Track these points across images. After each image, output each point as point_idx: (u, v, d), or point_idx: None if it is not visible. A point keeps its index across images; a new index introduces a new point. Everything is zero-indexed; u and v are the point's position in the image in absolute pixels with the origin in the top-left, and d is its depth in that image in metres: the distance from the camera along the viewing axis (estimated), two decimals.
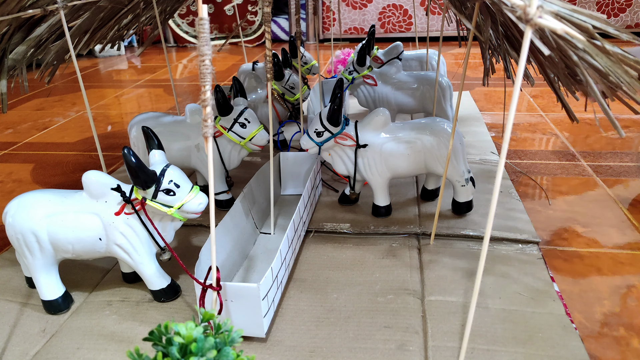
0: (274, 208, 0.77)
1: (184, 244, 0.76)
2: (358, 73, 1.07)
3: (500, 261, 0.67)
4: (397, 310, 0.59)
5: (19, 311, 0.62)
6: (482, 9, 0.52)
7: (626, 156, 1.02)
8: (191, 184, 0.58)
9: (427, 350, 0.53)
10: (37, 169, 1.08)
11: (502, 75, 0.94)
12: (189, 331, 0.36)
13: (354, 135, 0.74)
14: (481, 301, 0.60)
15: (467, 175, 0.75)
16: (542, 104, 1.39)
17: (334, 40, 2.39)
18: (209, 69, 0.39)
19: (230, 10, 2.49)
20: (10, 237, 0.58)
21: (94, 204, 0.57)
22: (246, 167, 0.98)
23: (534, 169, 0.98)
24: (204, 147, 0.74)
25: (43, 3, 0.66)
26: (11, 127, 1.37)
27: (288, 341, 0.55)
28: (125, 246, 0.58)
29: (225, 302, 0.53)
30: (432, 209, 0.82)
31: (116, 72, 2.07)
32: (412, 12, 2.35)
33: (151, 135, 0.60)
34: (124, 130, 1.31)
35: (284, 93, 1.03)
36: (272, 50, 0.64)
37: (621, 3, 2.21)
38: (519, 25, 0.40)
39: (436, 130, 0.74)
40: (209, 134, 0.41)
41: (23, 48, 0.74)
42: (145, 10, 1.01)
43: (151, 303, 0.62)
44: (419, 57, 1.28)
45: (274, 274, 0.56)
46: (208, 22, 0.38)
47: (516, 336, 0.54)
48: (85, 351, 0.55)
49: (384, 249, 0.72)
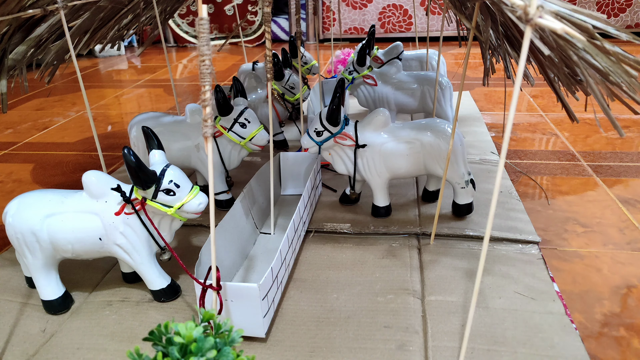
0: (274, 208, 0.77)
1: (184, 244, 0.76)
2: (358, 73, 1.07)
3: (500, 261, 0.67)
4: (397, 310, 0.59)
5: (19, 311, 0.62)
6: (482, 9, 0.52)
7: (626, 156, 1.02)
8: (191, 184, 0.58)
9: (427, 350, 0.53)
10: (37, 169, 1.08)
11: (502, 75, 0.94)
12: (189, 331, 0.36)
13: (353, 135, 0.74)
14: (481, 301, 0.60)
15: (467, 177, 0.75)
16: (542, 104, 1.39)
17: (334, 40, 2.39)
18: (209, 69, 0.39)
19: (230, 10, 2.49)
20: (10, 237, 0.58)
21: (94, 204, 0.57)
22: (246, 167, 0.98)
23: (534, 169, 0.98)
24: (204, 147, 0.74)
25: (43, 3, 0.66)
26: (11, 127, 1.37)
27: (288, 341, 0.55)
28: (125, 246, 0.58)
29: (225, 302, 0.53)
30: (432, 210, 0.82)
31: (116, 72, 2.07)
32: (412, 12, 2.35)
33: (151, 135, 0.60)
34: (124, 130, 1.31)
35: (284, 93, 1.03)
36: (272, 50, 0.64)
37: (621, 3, 2.21)
38: (519, 25, 0.40)
39: (436, 131, 0.73)
40: (209, 134, 0.41)
41: (23, 48, 0.74)
42: (145, 10, 1.01)
43: (151, 303, 0.62)
44: (419, 57, 1.28)
45: (274, 274, 0.56)
46: (208, 22, 0.38)
47: (516, 336, 0.54)
48: (85, 351, 0.55)
49: (384, 249, 0.72)
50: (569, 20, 0.35)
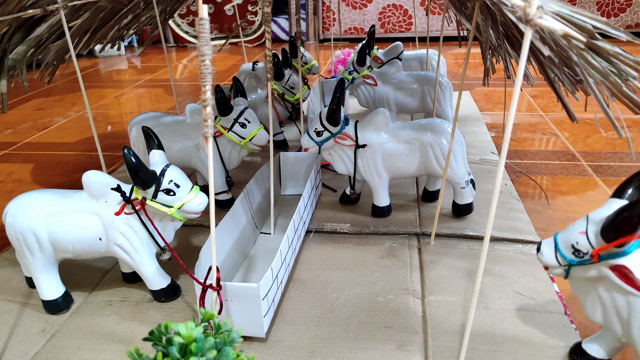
0: (274, 208, 0.77)
1: (184, 244, 0.76)
2: (358, 73, 1.07)
3: (500, 261, 0.67)
4: (397, 310, 0.59)
5: (19, 311, 0.62)
6: (482, 9, 0.52)
7: (626, 156, 1.02)
8: (191, 184, 0.58)
9: (427, 350, 0.53)
10: (37, 169, 1.08)
11: (502, 75, 0.94)
12: (189, 331, 0.36)
13: (353, 135, 0.74)
14: (481, 301, 0.60)
15: (467, 177, 0.75)
16: (542, 104, 1.39)
17: (334, 40, 2.39)
18: (209, 69, 0.39)
19: (230, 10, 2.49)
20: (10, 237, 0.58)
21: (94, 204, 0.57)
22: (246, 167, 0.98)
23: (534, 169, 0.98)
24: (204, 147, 0.74)
25: (43, 3, 0.66)
26: (11, 127, 1.37)
27: (288, 341, 0.55)
28: (125, 246, 0.58)
29: (225, 302, 0.53)
30: (432, 210, 0.82)
31: (116, 72, 2.07)
32: (412, 12, 2.35)
33: (151, 135, 0.60)
34: (124, 130, 1.31)
35: (284, 93, 1.03)
36: (272, 50, 0.64)
37: (621, 3, 2.21)
38: (519, 26, 0.40)
39: (436, 131, 0.73)
40: (209, 134, 0.41)
41: (23, 48, 0.74)
42: (145, 10, 1.01)
43: (151, 303, 0.62)
44: (419, 57, 1.28)
45: (274, 274, 0.56)
46: (208, 22, 0.38)
47: (516, 336, 0.54)
48: (85, 351, 0.55)
49: (384, 249, 0.72)
50: (569, 21, 0.35)
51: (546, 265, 0.47)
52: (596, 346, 0.49)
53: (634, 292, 0.41)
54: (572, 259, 0.44)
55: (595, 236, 0.42)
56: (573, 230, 0.45)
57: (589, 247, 0.43)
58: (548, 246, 0.47)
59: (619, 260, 0.41)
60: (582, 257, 0.44)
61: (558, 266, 0.46)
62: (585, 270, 0.44)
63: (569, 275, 0.46)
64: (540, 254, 0.47)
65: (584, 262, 0.43)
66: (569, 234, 0.45)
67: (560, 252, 0.45)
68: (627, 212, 0.39)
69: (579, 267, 0.44)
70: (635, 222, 0.39)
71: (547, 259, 0.47)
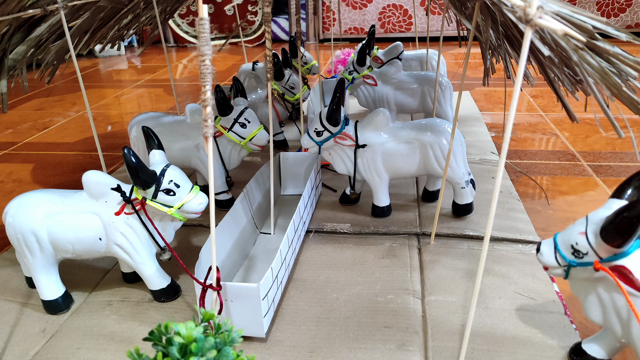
0: (274, 208, 0.77)
1: (184, 244, 0.76)
2: (358, 73, 1.07)
3: (500, 261, 0.67)
4: (397, 310, 0.59)
5: (19, 311, 0.62)
6: (482, 9, 0.52)
7: (626, 156, 1.02)
8: (191, 184, 0.58)
9: (427, 350, 0.53)
10: (37, 169, 1.08)
11: (502, 75, 0.94)
12: (189, 331, 0.36)
13: (353, 135, 0.74)
14: (481, 301, 0.60)
15: (467, 177, 0.75)
16: (542, 104, 1.39)
17: (334, 40, 2.39)
18: (209, 69, 0.39)
19: (230, 10, 2.49)
20: (10, 237, 0.58)
21: (94, 204, 0.57)
22: (246, 167, 0.98)
23: (534, 169, 0.98)
24: (204, 147, 0.74)
25: (43, 3, 0.66)
26: (11, 127, 1.37)
27: (288, 341, 0.55)
28: (125, 246, 0.58)
29: (225, 302, 0.53)
30: (432, 210, 0.82)
31: (116, 72, 2.07)
32: (412, 12, 2.35)
33: (151, 135, 0.60)
34: (124, 130, 1.31)
35: (284, 93, 1.03)
36: (272, 50, 0.64)
37: (621, 3, 2.21)
38: (519, 26, 0.40)
39: (436, 131, 0.73)
40: (209, 134, 0.41)
41: (23, 48, 0.74)
42: (145, 10, 1.01)
43: (151, 303, 0.62)
44: (419, 57, 1.28)
45: (274, 274, 0.56)
46: (208, 22, 0.38)
47: (516, 336, 0.54)
48: (85, 351, 0.55)
49: (384, 249, 0.72)
50: (569, 21, 0.35)
51: (546, 265, 0.47)
52: (596, 346, 0.49)
53: (634, 292, 0.41)
54: (572, 259, 0.44)
55: (595, 236, 0.42)
56: (572, 231, 0.45)
57: (589, 247, 0.43)
58: (548, 246, 0.47)
59: (618, 261, 0.41)
60: (582, 258, 0.44)
61: (558, 266, 0.46)
62: (585, 270, 0.44)
63: (569, 276, 0.46)
64: (539, 254, 0.47)
65: (583, 266, 0.44)
66: (568, 234, 0.45)
67: (559, 253, 0.45)
68: (626, 213, 0.39)
69: (579, 267, 0.44)
70: (634, 223, 0.39)
71: (546, 259, 0.47)
